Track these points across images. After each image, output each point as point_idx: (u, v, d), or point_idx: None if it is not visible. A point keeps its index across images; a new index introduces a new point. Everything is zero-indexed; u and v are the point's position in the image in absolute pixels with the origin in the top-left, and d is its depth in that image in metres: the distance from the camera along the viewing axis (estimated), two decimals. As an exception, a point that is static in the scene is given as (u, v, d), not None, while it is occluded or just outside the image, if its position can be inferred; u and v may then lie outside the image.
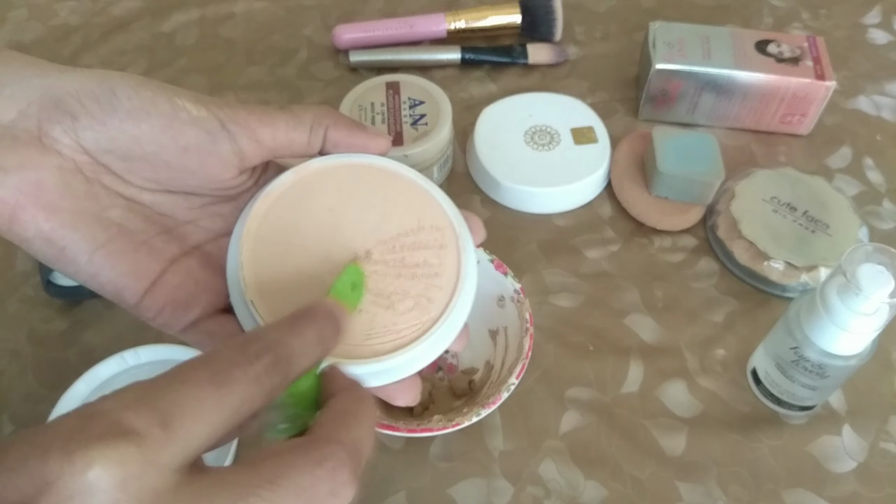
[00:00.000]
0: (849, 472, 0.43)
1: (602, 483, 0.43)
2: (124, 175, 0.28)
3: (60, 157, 0.26)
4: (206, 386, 0.20)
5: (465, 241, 0.30)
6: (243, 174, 0.30)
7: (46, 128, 0.26)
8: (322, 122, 0.29)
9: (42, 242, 0.27)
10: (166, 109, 0.27)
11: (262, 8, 0.69)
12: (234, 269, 0.28)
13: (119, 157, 0.27)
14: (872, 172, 0.58)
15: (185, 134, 0.27)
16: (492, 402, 0.40)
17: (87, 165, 0.27)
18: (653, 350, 0.48)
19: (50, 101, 0.26)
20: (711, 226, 0.53)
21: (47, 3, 0.70)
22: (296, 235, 0.29)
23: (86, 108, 0.26)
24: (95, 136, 0.27)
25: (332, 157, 0.30)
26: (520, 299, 0.45)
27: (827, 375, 0.40)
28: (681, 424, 0.45)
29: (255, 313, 0.27)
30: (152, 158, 0.28)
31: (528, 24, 0.65)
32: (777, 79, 0.55)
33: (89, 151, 0.27)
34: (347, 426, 0.21)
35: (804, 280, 0.49)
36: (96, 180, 0.28)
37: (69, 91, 0.26)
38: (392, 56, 0.64)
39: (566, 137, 0.56)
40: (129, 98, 0.27)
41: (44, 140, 0.26)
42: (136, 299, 0.28)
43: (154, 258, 0.29)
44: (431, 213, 0.30)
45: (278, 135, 0.29)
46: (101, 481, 0.17)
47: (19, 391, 0.46)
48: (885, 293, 0.36)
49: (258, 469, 0.19)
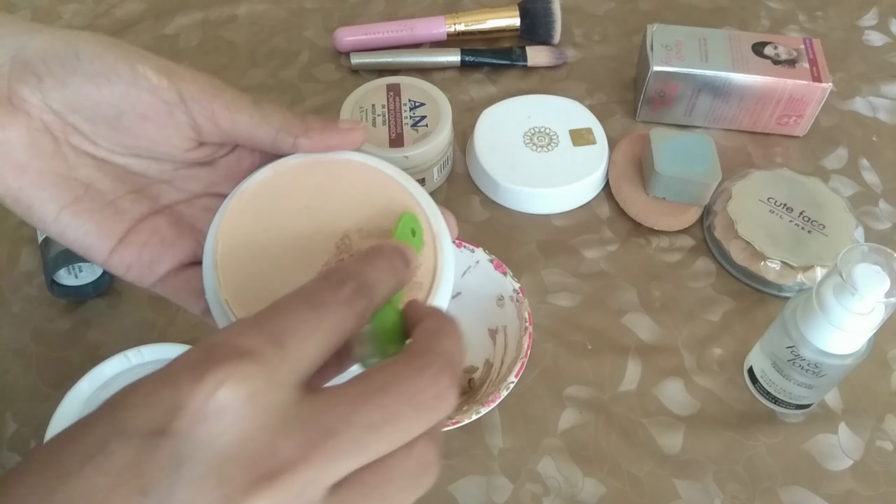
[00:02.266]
0: (845, 470, 0.44)
1: (600, 480, 0.43)
2: (92, 137, 0.28)
3: (29, 117, 0.27)
4: (305, 310, 0.21)
5: (442, 237, 0.30)
6: (206, 146, 0.30)
7: (15, 87, 0.26)
8: (291, 132, 0.29)
9: (11, 200, 0.27)
10: (126, 75, 0.27)
11: (265, 11, 0.70)
12: (210, 267, 0.28)
13: (84, 118, 0.28)
14: (868, 173, 0.58)
15: (142, 101, 0.27)
16: (491, 400, 0.41)
17: (55, 125, 0.28)
18: (650, 349, 0.48)
19: (19, 61, 0.26)
20: (708, 226, 0.54)
21: (51, 5, 0.70)
22: (272, 233, 0.29)
23: (49, 69, 0.27)
24: (60, 97, 0.27)
25: (309, 154, 0.30)
26: (519, 299, 0.45)
27: (823, 374, 0.41)
28: (678, 422, 0.45)
29: (229, 312, 0.27)
30: (114, 123, 0.28)
31: (527, 26, 0.65)
32: (774, 81, 0.56)
33: (56, 111, 0.27)
34: (440, 340, 0.22)
35: (800, 280, 0.50)
36: (64, 140, 0.28)
37: (36, 52, 0.27)
38: (393, 58, 0.64)
39: (565, 139, 0.56)
40: (90, 62, 0.27)
41: (13, 100, 0.27)
42: (104, 257, 0.29)
43: (120, 218, 0.29)
44: (408, 207, 0.30)
45: (239, 126, 0.29)
46: (230, 399, 0.18)
47: (23, 389, 0.47)
48: (880, 293, 0.36)
49: (367, 381, 0.20)
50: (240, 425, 0.18)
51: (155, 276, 0.30)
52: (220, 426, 0.18)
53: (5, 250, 0.53)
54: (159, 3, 0.70)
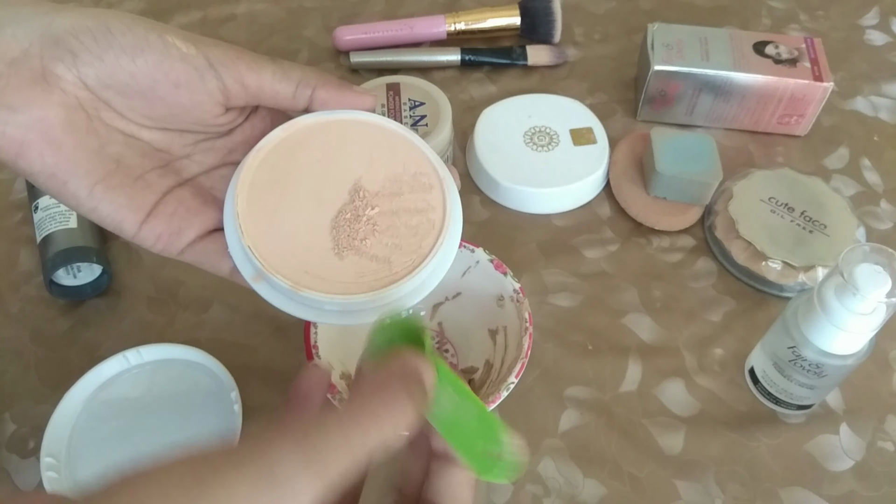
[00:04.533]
0: (846, 471, 0.44)
1: (601, 481, 0.43)
2: (124, 111, 0.29)
3: (64, 93, 0.28)
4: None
5: (448, 183, 0.32)
6: (230, 112, 0.31)
7: (50, 66, 0.27)
8: (310, 83, 0.31)
9: (46, 177, 0.28)
10: (158, 45, 0.28)
11: (264, 9, 0.69)
12: (231, 219, 0.30)
13: (118, 92, 0.29)
14: (870, 173, 0.58)
15: (176, 70, 0.29)
16: (491, 400, 0.41)
17: (88, 101, 0.28)
18: (651, 349, 0.48)
19: (50, 39, 0.27)
20: (709, 226, 0.53)
21: (49, 5, 0.70)
22: (287, 184, 0.31)
23: (84, 45, 0.27)
24: (95, 72, 0.28)
25: (319, 114, 0.32)
26: (519, 299, 0.45)
27: (824, 375, 0.41)
28: (679, 423, 0.45)
29: (253, 257, 0.29)
30: (148, 94, 0.29)
31: (527, 25, 0.65)
32: (775, 80, 0.56)
33: (90, 87, 0.28)
34: None
35: (802, 280, 0.49)
36: (97, 116, 0.29)
37: (67, 29, 0.27)
38: (392, 57, 0.64)
39: (565, 138, 0.56)
40: (123, 34, 0.28)
41: (48, 78, 0.27)
42: (135, 229, 0.30)
43: (149, 191, 0.31)
44: (416, 159, 0.32)
45: (263, 83, 0.30)
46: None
47: (22, 390, 0.46)
48: (882, 293, 0.36)
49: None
50: None
51: (183, 244, 0.32)
52: None
53: (4, 250, 0.53)
54: (158, 1, 0.70)
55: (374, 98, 0.33)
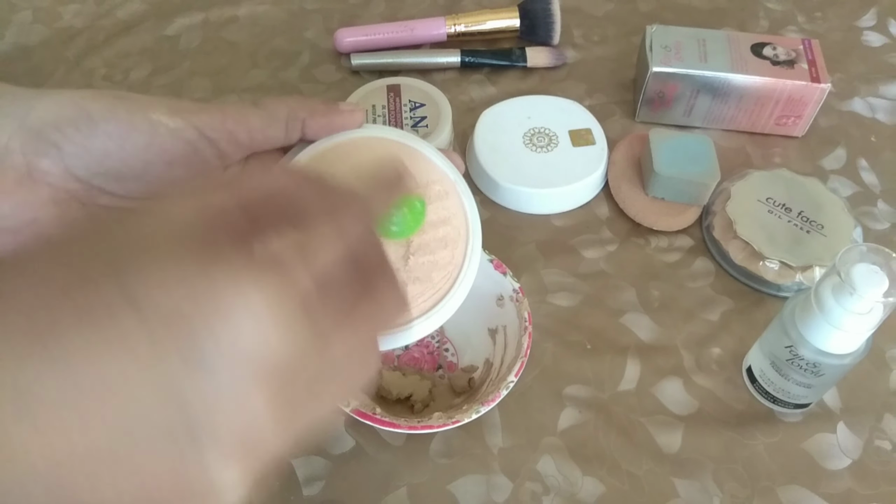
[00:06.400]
0: (843, 470, 0.44)
1: (600, 479, 0.43)
2: (120, 193, 0.28)
3: (53, 189, 0.26)
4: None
5: (462, 185, 0.32)
6: (228, 168, 0.30)
7: (34, 162, 0.26)
8: (297, 116, 0.30)
9: None
10: (145, 127, 0.27)
11: (265, 12, 0.70)
12: None
13: (111, 177, 0.27)
14: (867, 173, 0.58)
15: (168, 148, 0.27)
16: (491, 399, 0.41)
17: (80, 192, 0.27)
18: (649, 348, 0.49)
19: (29, 133, 0.25)
20: (707, 226, 0.54)
21: (52, 6, 0.70)
22: None
23: (67, 137, 0.26)
24: (84, 163, 0.26)
25: (317, 145, 0.31)
26: (518, 298, 0.45)
27: (821, 374, 0.41)
28: (677, 422, 0.46)
29: None
30: (142, 175, 0.28)
31: (526, 27, 0.65)
32: (772, 81, 0.56)
33: (81, 178, 0.27)
34: None
35: (799, 280, 0.50)
36: (92, 202, 0.28)
37: (46, 121, 0.26)
38: (393, 59, 0.64)
39: (564, 139, 0.56)
40: (106, 121, 0.26)
41: (34, 175, 0.26)
42: None
43: None
44: (425, 168, 0.32)
45: (254, 134, 0.29)
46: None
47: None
48: (878, 292, 0.36)
49: None
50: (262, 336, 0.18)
51: None
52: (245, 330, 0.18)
53: (7, 250, 0.53)
54: (160, 3, 0.70)
55: (363, 112, 0.32)
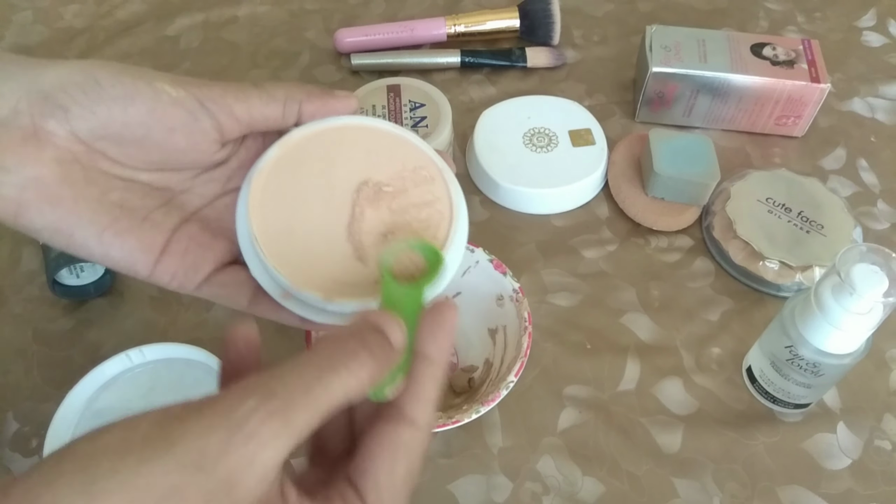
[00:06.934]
0: (843, 469, 0.44)
1: (599, 479, 0.43)
2: (120, 159, 0.29)
3: (57, 149, 0.28)
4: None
5: (448, 173, 0.33)
6: (225, 146, 0.32)
7: (41, 122, 0.27)
8: (295, 98, 0.31)
9: (51, 232, 0.28)
10: (148, 93, 0.28)
11: (265, 12, 0.70)
12: (248, 242, 0.30)
13: (113, 142, 0.29)
14: (866, 173, 0.58)
15: (169, 115, 0.29)
16: (491, 399, 0.41)
17: (83, 154, 0.28)
18: (649, 348, 0.49)
19: (38, 95, 0.27)
20: (707, 226, 0.54)
21: (52, 6, 0.70)
22: (295, 199, 0.31)
23: (74, 99, 0.27)
24: (88, 125, 0.28)
25: (309, 126, 0.32)
26: (518, 298, 0.45)
27: (821, 374, 0.41)
28: (677, 422, 0.46)
29: (279, 276, 0.29)
30: (143, 141, 0.29)
31: (526, 27, 0.66)
32: (772, 81, 0.56)
33: (84, 140, 0.28)
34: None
35: (799, 280, 0.50)
36: (93, 167, 0.29)
37: (55, 84, 0.27)
38: (393, 59, 0.64)
39: (564, 139, 0.57)
40: (112, 86, 0.28)
41: (39, 135, 0.27)
42: (149, 271, 0.30)
43: (158, 231, 0.31)
44: (412, 154, 0.33)
45: (253, 111, 0.30)
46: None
47: (25, 389, 0.47)
48: (878, 292, 0.36)
49: None
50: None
51: (199, 279, 0.31)
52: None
53: (7, 250, 0.53)
54: (161, 4, 0.70)
55: (356, 99, 0.33)
